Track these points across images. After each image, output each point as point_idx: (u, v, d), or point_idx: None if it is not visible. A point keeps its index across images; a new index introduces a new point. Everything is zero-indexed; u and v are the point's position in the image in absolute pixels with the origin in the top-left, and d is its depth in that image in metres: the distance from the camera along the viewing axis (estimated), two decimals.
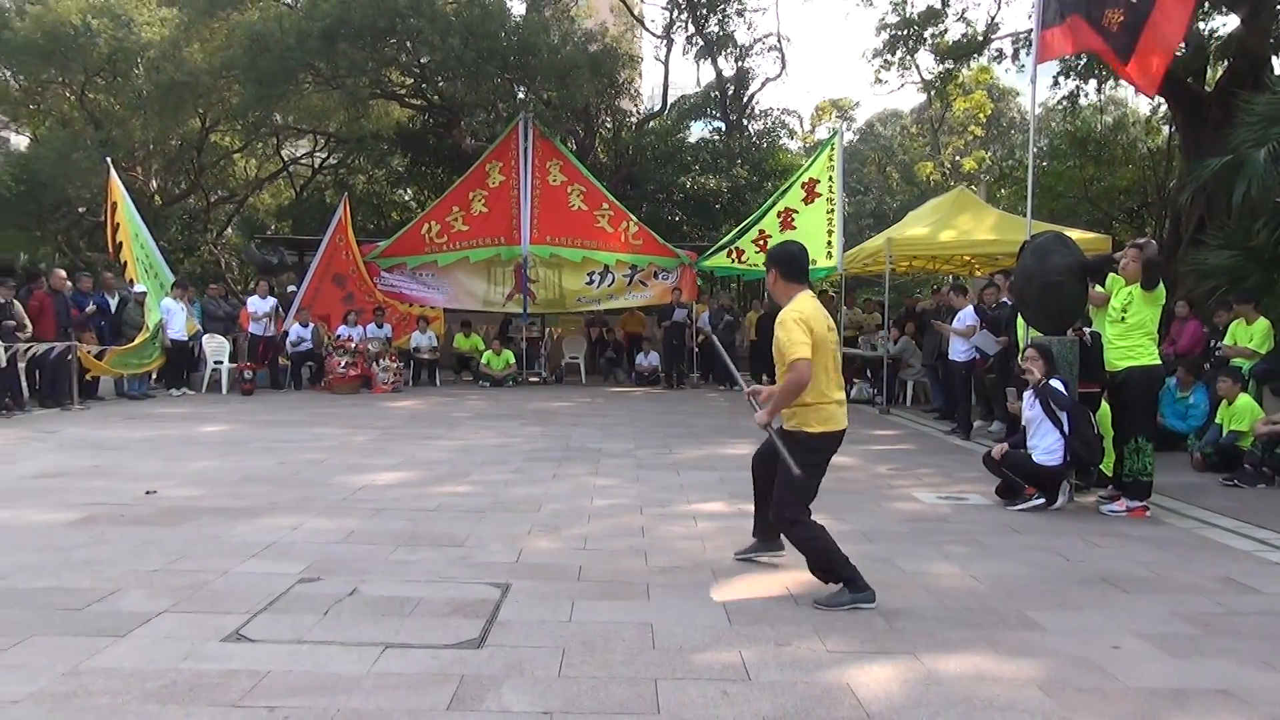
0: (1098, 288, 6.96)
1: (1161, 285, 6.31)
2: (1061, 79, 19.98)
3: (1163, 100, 17.00)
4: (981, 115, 29.21)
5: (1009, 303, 9.59)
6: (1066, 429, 6.31)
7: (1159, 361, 6.45)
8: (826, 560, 4.23)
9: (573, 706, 3.07)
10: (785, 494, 4.28)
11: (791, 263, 4.35)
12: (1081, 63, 18.95)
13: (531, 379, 16.99)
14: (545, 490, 6.74)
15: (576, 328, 18.95)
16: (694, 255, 16.50)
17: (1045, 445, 6.37)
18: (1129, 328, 6.33)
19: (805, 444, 4.24)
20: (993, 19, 19.99)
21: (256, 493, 6.46)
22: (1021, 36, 19.53)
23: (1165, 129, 19.82)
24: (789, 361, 4.08)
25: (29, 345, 11.00)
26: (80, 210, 23.68)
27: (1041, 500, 6.41)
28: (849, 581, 4.18)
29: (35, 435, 9.27)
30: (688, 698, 3.14)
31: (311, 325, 15.12)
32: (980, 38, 20.30)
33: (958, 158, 30.27)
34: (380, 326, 15.44)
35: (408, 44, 17.94)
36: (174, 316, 13.64)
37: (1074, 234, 10.01)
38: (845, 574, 4.19)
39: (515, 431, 10.08)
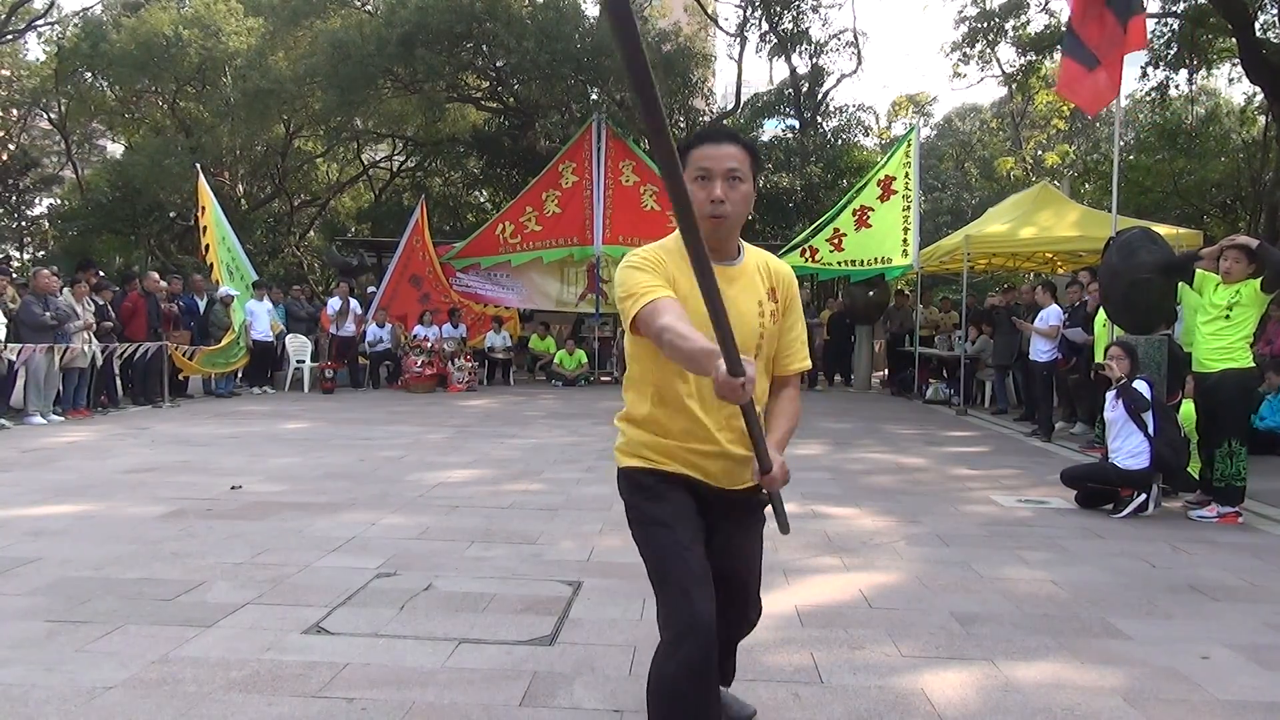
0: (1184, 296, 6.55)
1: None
2: (1150, 70, 19.28)
3: (1259, 89, 16.33)
4: (1065, 108, 28.34)
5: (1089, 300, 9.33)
6: (1151, 431, 6.09)
7: (1254, 364, 6.15)
8: None
9: (643, 705, 3.05)
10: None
11: None
12: (1171, 53, 18.28)
13: (604, 378, 17.08)
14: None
15: None
16: None
17: (1129, 448, 6.13)
18: (1230, 325, 5.96)
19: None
20: None
21: (336, 489, 6.62)
22: None
23: (1261, 119, 19.02)
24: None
25: (123, 345, 11.47)
26: (171, 215, 24.62)
27: (1143, 498, 6.08)
28: None
29: (128, 431, 9.66)
30: (758, 699, 3.11)
31: (388, 325, 15.44)
32: (1064, 28, 19.73)
33: (1040, 152, 29.41)
34: (455, 326, 15.69)
35: (484, 48, 18.23)
36: (258, 318, 14.06)
37: (1162, 229, 9.67)
38: None
39: (587, 430, 10.14)
